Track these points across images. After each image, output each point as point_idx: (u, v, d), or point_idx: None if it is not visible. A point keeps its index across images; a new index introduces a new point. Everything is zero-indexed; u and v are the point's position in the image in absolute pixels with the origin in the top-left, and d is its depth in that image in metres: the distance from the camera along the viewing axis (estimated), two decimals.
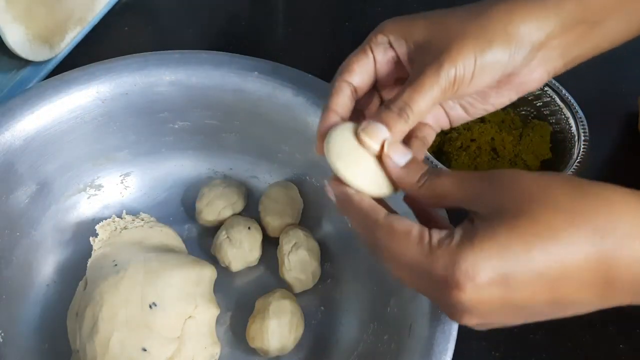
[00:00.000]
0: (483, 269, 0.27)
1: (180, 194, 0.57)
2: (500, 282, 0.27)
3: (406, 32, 0.36)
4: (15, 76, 0.63)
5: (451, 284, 0.27)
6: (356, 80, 0.37)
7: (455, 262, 0.27)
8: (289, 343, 0.46)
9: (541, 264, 0.26)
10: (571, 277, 0.27)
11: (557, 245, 0.26)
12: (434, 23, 0.35)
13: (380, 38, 0.37)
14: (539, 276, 0.27)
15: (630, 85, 0.70)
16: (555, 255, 0.26)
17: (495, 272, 0.27)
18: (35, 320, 0.48)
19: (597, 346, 0.50)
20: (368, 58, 0.37)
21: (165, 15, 0.76)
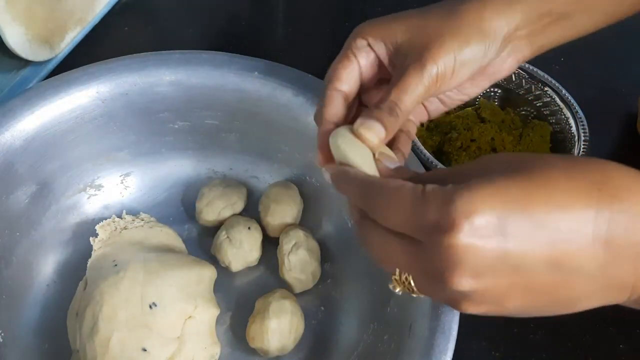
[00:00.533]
0: (480, 209, 0.25)
1: (180, 194, 0.57)
2: (498, 227, 0.25)
3: (385, 34, 0.37)
4: (15, 76, 0.63)
5: (445, 225, 0.25)
6: (345, 88, 0.37)
7: (450, 201, 0.25)
8: (289, 343, 0.46)
9: (540, 212, 0.25)
10: (571, 231, 0.25)
11: (555, 193, 0.25)
12: (412, 25, 0.36)
13: (360, 42, 0.37)
14: (538, 225, 0.25)
15: (630, 85, 0.70)
16: (554, 204, 0.25)
17: (493, 215, 0.25)
18: (35, 320, 0.48)
19: (597, 346, 0.50)
20: (352, 64, 0.38)
21: (165, 15, 0.76)
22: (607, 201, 0.25)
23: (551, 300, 0.27)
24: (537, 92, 0.61)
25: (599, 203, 0.25)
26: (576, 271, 0.26)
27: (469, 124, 0.60)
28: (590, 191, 0.25)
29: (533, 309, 0.28)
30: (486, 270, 0.26)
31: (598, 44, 0.74)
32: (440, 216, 0.26)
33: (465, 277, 0.26)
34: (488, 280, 0.26)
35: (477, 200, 0.25)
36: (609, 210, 0.25)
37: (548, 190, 0.26)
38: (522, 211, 0.25)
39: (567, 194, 0.25)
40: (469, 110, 0.62)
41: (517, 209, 0.25)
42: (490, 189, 0.25)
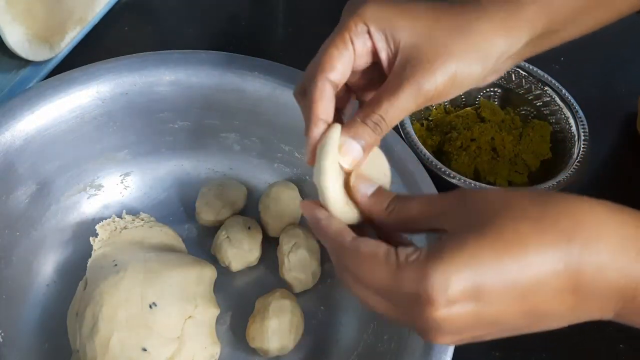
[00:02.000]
0: (455, 281, 0.26)
1: (180, 194, 0.57)
2: (472, 294, 0.26)
3: (389, 28, 0.34)
4: (15, 76, 0.63)
5: (423, 300, 0.26)
6: (337, 77, 0.35)
7: (425, 276, 0.26)
8: (289, 343, 0.46)
9: (512, 272, 0.26)
10: (542, 285, 0.26)
11: (525, 252, 0.26)
12: (419, 29, 0.34)
13: (361, 27, 0.35)
14: (511, 286, 0.26)
15: (630, 85, 0.70)
16: (525, 263, 0.26)
17: (468, 284, 0.26)
18: (35, 320, 0.48)
19: (597, 346, 0.50)
20: (348, 50, 0.35)
21: (165, 15, 0.76)
22: (576, 253, 0.26)
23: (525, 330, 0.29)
24: (537, 91, 0.61)
25: (568, 254, 0.26)
26: (547, 315, 0.27)
27: (469, 124, 0.60)
28: (559, 244, 0.26)
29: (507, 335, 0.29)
30: (464, 329, 0.27)
31: (598, 44, 0.74)
32: (417, 290, 0.27)
33: (445, 338, 0.28)
34: (466, 334, 0.28)
35: (452, 273, 0.26)
36: (578, 260, 0.26)
37: (519, 250, 0.26)
38: (494, 275, 0.26)
39: (537, 251, 0.26)
40: (469, 109, 0.62)
41: (489, 274, 0.26)
42: (463, 257, 0.26)
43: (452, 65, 0.34)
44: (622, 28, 0.44)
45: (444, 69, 0.33)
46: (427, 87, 0.33)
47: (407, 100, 0.33)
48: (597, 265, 0.26)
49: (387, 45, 0.35)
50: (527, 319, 0.27)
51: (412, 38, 0.34)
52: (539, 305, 0.27)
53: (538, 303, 0.27)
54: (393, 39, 0.35)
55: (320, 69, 0.35)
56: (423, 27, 0.34)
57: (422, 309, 0.27)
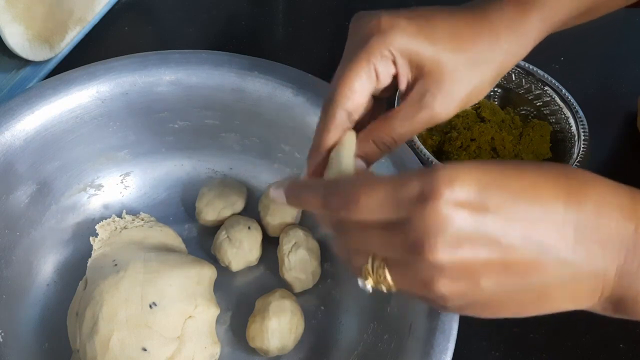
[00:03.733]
0: (461, 178, 0.26)
1: (180, 194, 0.57)
2: (477, 198, 0.25)
3: (413, 56, 0.34)
4: (15, 76, 0.63)
5: (428, 192, 0.25)
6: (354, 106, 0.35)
7: (432, 171, 0.26)
8: (289, 343, 0.46)
9: (516, 189, 0.26)
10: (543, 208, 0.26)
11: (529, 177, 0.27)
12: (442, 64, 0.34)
13: (387, 55, 0.34)
14: (515, 200, 0.26)
15: (630, 85, 0.70)
16: (528, 184, 0.26)
17: (473, 185, 0.26)
18: (35, 320, 0.48)
19: (597, 346, 0.50)
20: (371, 80, 0.34)
21: (165, 15, 0.76)
22: (575, 190, 0.27)
23: (525, 285, 0.27)
24: (537, 91, 0.61)
25: (567, 190, 0.27)
26: (548, 251, 0.26)
27: (469, 124, 0.60)
28: (560, 180, 0.27)
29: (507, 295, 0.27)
30: (465, 240, 0.26)
31: (598, 44, 0.74)
32: (421, 187, 0.26)
33: (444, 247, 0.26)
34: (466, 251, 0.26)
35: (459, 172, 0.26)
36: (577, 197, 0.27)
37: (522, 174, 0.27)
38: (499, 186, 0.26)
39: (539, 179, 0.27)
40: (469, 109, 0.62)
41: (495, 184, 0.26)
42: (469, 165, 0.27)
43: (467, 92, 0.35)
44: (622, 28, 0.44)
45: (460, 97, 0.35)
46: (442, 113, 0.35)
47: (420, 125, 0.35)
48: (596, 201, 0.27)
49: (408, 71, 0.35)
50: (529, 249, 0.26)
51: (435, 68, 0.35)
52: (541, 234, 0.26)
53: (540, 230, 0.26)
54: (416, 67, 0.35)
55: (339, 100, 0.35)
56: (446, 58, 0.35)
57: (425, 204, 0.25)
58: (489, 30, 0.36)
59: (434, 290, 0.27)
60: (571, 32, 0.41)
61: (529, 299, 0.27)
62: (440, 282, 0.27)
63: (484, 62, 0.35)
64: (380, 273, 0.29)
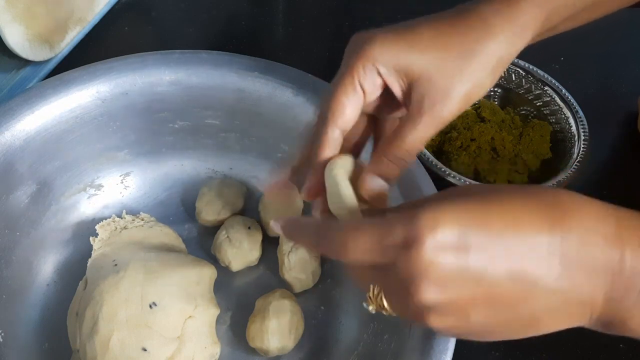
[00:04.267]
0: (443, 223, 0.26)
1: (180, 194, 0.57)
2: (459, 240, 0.26)
3: (397, 64, 0.35)
4: (15, 76, 0.63)
5: (411, 240, 0.26)
6: (346, 123, 0.36)
7: (415, 217, 0.27)
8: (289, 343, 0.46)
9: (498, 227, 0.26)
10: (527, 243, 0.26)
11: (511, 211, 0.27)
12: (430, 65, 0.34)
13: (369, 68, 0.35)
14: (497, 240, 0.26)
15: (630, 85, 0.70)
16: (510, 221, 0.27)
17: (455, 229, 0.26)
18: (35, 320, 0.48)
19: (597, 346, 0.50)
20: (357, 95, 0.35)
21: (165, 15, 0.76)
22: (558, 220, 0.27)
23: (514, 315, 0.28)
24: (537, 91, 0.61)
25: (551, 222, 0.27)
26: (535, 283, 0.27)
27: (469, 124, 0.60)
28: (542, 211, 0.27)
29: (497, 325, 0.28)
30: (449, 281, 0.27)
31: (598, 43, 0.74)
32: (406, 232, 0.27)
33: (430, 289, 0.27)
34: (452, 291, 0.27)
35: (440, 216, 0.27)
36: (561, 228, 0.27)
37: (504, 208, 0.27)
38: (481, 226, 0.27)
39: (521, 212, 0.27)
40: (469, 109, 0.62)
41: (476, 224, 0.27)
42: (451, 207, 0.27)
43: (465, 88, 0.35)
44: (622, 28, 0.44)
45: (458, 94, 0.35)
46: (446, 114, 0.35)
47: (428, 130, 0.35)
48: (581, 232, 0.27)
49: (398, 79, 0.35)
50: (515, 284, 0.27)
51: (425, 71, 0.34)
52: (526, 269, 0.26)
53: (525, 264, 0.26)
54: (405, 74, 0.35)
55: (330, 117, 0.35)
56: (434, 58, 0.34)
57: (408, 252, 0.27)
58: (479, 23, 0.35)
59: (426, 323, 0.28)
60: (571, 32, 0.40)
61: (520, 326, 0.28)
62: (430, 318, 0.28)
63: (477, 54, 0.35)
64: (379, 302, 0.31)
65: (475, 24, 0.35)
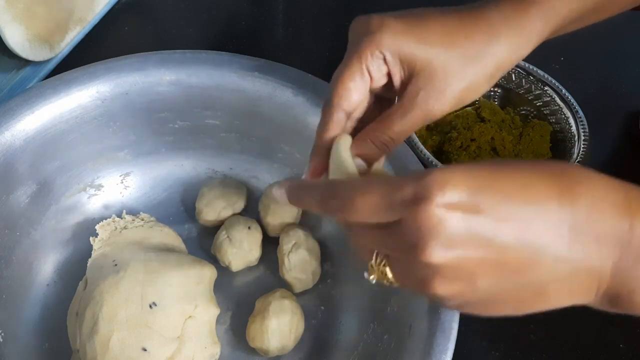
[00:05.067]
0: (453, 181, 0.26)
1: (180, 194, 0.57)
2: (468, 200, 0.26)
3: (403, 54, 0.35)
4: (15, 76, 0.63)
5: (420, 195, 0.26)
6: (352, 106, 0.36)
7: (424, 176, 0.26)
8: (289, 343, 0.46)
9: (508, 189, 0.26)
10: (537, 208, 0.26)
11: (521, 177, 0.27)
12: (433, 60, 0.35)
13: (377, 54, 0.35)
14: (507, 202, 0.26)
15: (630, 85, 0.70)
16: (521, 184, 0.26)
17: (465, 188, 0.26)
18: (35, 320, 0.48)
19: (597, 346, 0.50)
20: (364, 80, 0.36)
21: (165, 15, 0.76)
22: (568, 189, 0.27)
23: (521, 282, 0.27)
24: (537, 91, 0.61)
25: (560, 190, 0.27)
26: (543, 249, 0.26)
27: (469, 124, 0.60)
28: (552, 179, 0.27)
29: (504, 293, 0.28)
30: (458, 241, 0.26)
31: (598, 43, 0.74)
32: (415, 190, 0.26)
33: (438, 248, 0.26)
34: (460, 252, 0.26)
35: (450, 175, 0.26)
36: (570, 196, 0.26)
37: (515, 174, 0.27)
38: (491, 188, 0.26)
39: (531, 179, 0.27)
40: (469, 109, 0.62)
41: (486, 185, 0.26)
42: (461, 168, 0.27)
43: (462, 89, 0.35)
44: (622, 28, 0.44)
45: (454, 94, 0.35)
46: (437, 111, 0.35)
47: (416, 123, 0.35)
48: (591, 200, 0.27)
49: (400, 69, 0.36)
50: (524, 248, 0.26)
51: (427, 66, 0.35)
52: (535, 233, 0.26)
53: (534, 228, 0.26)
54: (408, 65, 0.35)
55: (336, 101, 0.36)
56: (438, 55, 0.35)
57: (418, 207, 0.26)
58: (486, 27, 0.35)
59: (431, 289, 0.27)
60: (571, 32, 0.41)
61: (527, 296, 0.28)
62: (436, 282, 0.27)
63: (480, 58, 0.35)
64: (382, 269, 0.30)
65: (483, 27, 0.35)
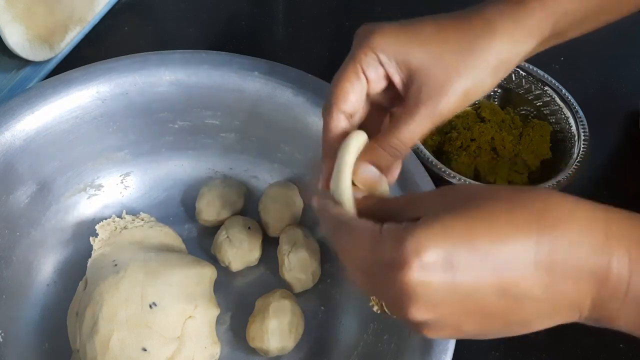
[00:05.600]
0: (428, 246, 0.27)
1: (180, 194, 0.57)
2: (445, 261, 0.27)
3: (399, 55, 0.35)
4: (15, 76, 0.63)
5: (397, 264, 0.27)
6: (351, 108, 0.36)
7: (402, 240, 0.27)
8: (289, 343, 0.46)
9: (483, 243, 0.27)
10: (514, 259, 0.27)
11: (497, 226, 0.27)
12: (429, 56, 0.35)
13: (371, 56, 0.35)
14: (482, 256, 0.27)
15: (631, 85, 0.70)
16: (496, 236, 0.27)
17: (440, 250, 0.27)
18: (35, 320, 0.48)
19: (597, 346, 0.50)
20: (360, 82, 0.36)
21: (165, 15, 0.76)
22: (546, 230, 0.27)
23: (505, 323, 0.28)
24: (537, 91, 0.61)
25: (538, 232, 0.27)
26: (522, 296, 0.27)
27: (468, 124, 0.60)
28: (530, 222, 0.27)
29: (490, 332, 0.29)
30: (439, 301, 0.27)
31: (598, 44, 0.74)
32: (393, 255, 0.27)
33: (420, 310, 0.28)
34: (442, 309, 0.28)
35: (425, 239, 0.27)
36: (548, 238, 0.27)
37: (490, 223, 0.27)
38: (466, 245, 0.27)
39: (507, 226, 0.27)
40: (469, 109, 0.62)
41: (461, 243, 0.27)
42: (436, 227, 0.27)
43: (464, 84, 0.35)
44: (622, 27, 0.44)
45: (456, 89, 0.35)
46: (442, 109, 0.35)
47: (424, 124, 0.35)
48: (568, 242, 0.27)
49: (398, 70, 0.36)
50: (503, 298, 0.27)
51: (423, 63, 0.35)
52: (513, 282, 0.27)
53: (512, 279, 0.27)
54: (405, 65, 0.35)
55: (334, 102, 0.36)
56: (433, 51, 0.35)
57: (396, 274, 0.27)
58: (480, 21, 0.35)
59: (423, 334, 0.29)
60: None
61: (512, 330, 0.29)
62: (425, 331, 0.29)
63: (477, 51, 0.35)
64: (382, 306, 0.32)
65: (478, 23, 0.35)
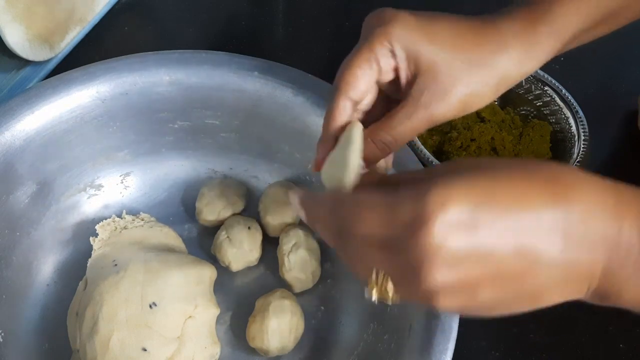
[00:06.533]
0: (453, 200, 0.26)
1: (180, 194, 0.57)
2: (469, 218, 0.26)
3: (411, 51, 0.35)
4: (15, 76, 0.63)
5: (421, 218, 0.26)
6: (359, 95, 0.36)
7: (424, 194, 0.26)
8: (289, 343, 0.46)
9: (506, 205, 0.26)
10: (533, 218, 0.27)
11: (517, 190, 0.27)
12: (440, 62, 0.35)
13: (387, 45, 0.35)
14: (505, 217, 0.26)
15: (630, 85, 0.70)
16: (517, 195, 0.27)
17: (465, 207, 0.26)
18: (35, 320, 0.48)
19: (597, 346, 0.50)
20: (372, 70, 0.35)
21: (165, 15, 0.76)
22: (561, 195, 0.27)
23: (519, 290, 0.28)
24: (537, 91, 0.61)
25: (554, 197, 0.27)
26: (539, 258, 0.27)
27: (468, 124, 0.60)
28: (546, 187, 0.27)
29: (502, 300, 0.28)
30: (460, 260, 0.26)
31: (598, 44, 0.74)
32: (415, 211, 0.26)
33: (440, 270, 0.26)
34: (462, 270, 0.27)
35: (449, 194, 0.26)
36: (563, 203, 0.27)
37: (510, 186, 0.27)
38: (489, 203, 0.26)
39: (526, 190, 0.27)
40: None
41: (485, 201, 0.26)
42: (460, 183, 0.27)
43: (466, 95, 0.35)
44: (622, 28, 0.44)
45: (458, 98, 0.35)
46: (440, 114, 0.35)
47: (419, 125, 0.35)
48: (581, 209, 0.27)
49: (407, 66, 0.36)
50: (521, 261, 0.27)
51: (432, 65, 0.35)
52: (531, 245, 0.27)
53: (530, 242, 0.27)
54: (414, 62, 0.35)
55: (342, 88, 0.36)
56: (445, 57, 0.35)
57: (417, 233, 0.26)
58: (497, 37, 0.36)
59: (434, 304, 0.28)
60: None
61: (523, 300, 0.29)
62: (439, 298, 0.28)
63: (486, 66, 0.35)
64: (384, 286, 0.30)
65: (493, 37, 0.36)
